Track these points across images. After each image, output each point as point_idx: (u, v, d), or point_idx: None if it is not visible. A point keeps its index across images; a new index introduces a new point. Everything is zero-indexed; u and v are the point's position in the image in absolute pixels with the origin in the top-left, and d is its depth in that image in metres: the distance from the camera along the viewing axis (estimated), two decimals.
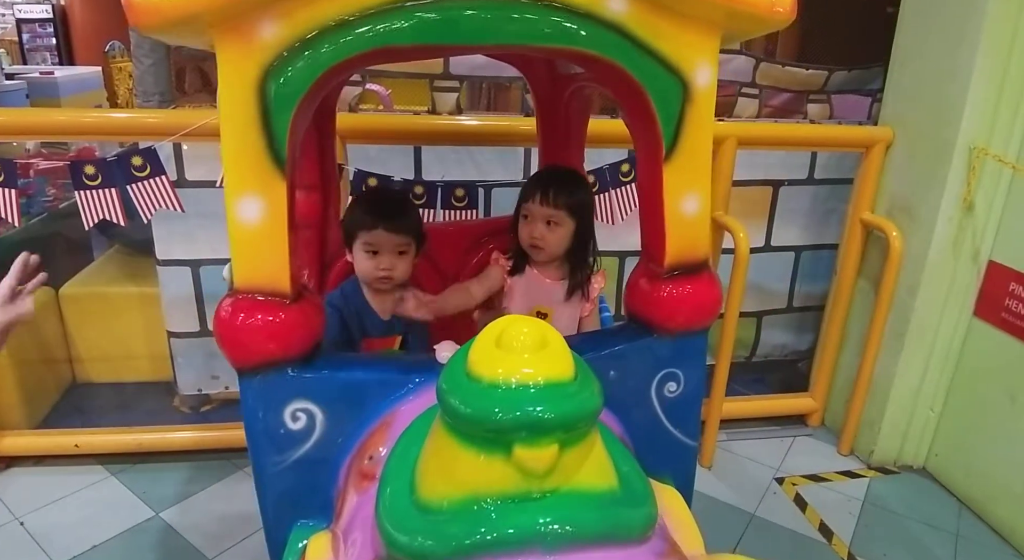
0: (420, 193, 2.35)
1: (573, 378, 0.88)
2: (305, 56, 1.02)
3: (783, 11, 1.12)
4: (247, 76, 1.02)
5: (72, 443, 2.51)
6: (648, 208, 1.32)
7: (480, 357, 0.88)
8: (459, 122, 2.51)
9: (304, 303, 1.19)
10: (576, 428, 0.87)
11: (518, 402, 0.83)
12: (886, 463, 2.73)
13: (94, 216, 2.19)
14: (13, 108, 4.51)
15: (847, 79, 2.93)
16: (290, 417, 1.21)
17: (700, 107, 1.18)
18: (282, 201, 1.10)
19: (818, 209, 2.99)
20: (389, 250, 1.64)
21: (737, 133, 2.48)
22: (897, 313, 2.58)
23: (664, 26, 1.11)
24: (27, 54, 9.10)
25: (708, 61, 1.16)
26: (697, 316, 1.34)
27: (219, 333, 1.16)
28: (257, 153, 1.06)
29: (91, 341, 2.99)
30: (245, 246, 1.12)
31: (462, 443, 0.87)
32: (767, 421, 2.96)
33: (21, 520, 2.26)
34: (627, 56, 1.11)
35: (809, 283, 3.12)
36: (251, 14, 0.99)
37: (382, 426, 1.21)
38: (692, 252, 1.30)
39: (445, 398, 0.88)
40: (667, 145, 1.19)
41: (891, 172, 2.58)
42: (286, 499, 1.28)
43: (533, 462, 0.85)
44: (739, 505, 2.48)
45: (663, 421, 1.39)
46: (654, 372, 1.36)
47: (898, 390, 2.63)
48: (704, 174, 1.26)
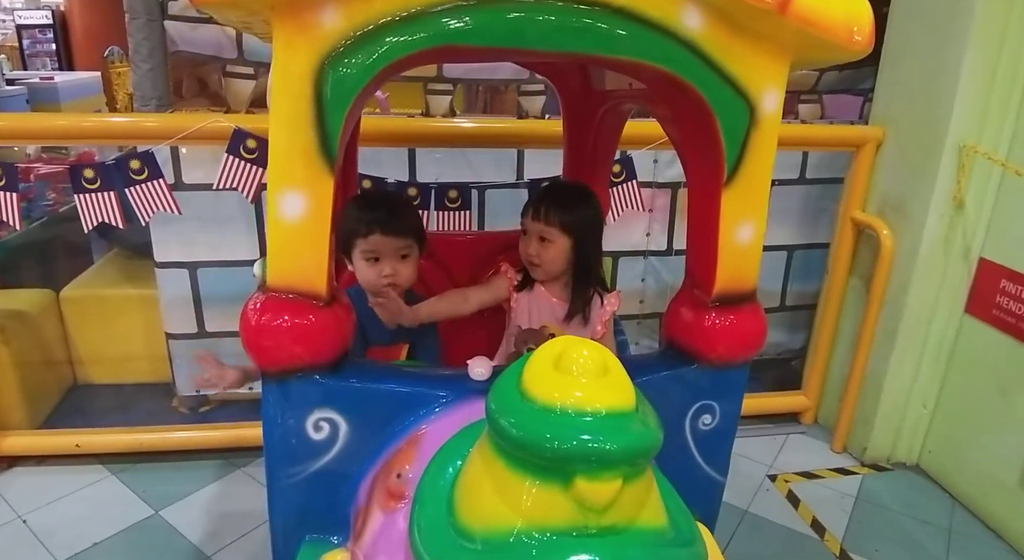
0: (414, 194, 2.38)
1: (634, 408, 0.84)
2: (366, 49, 0.97)
3: (862, 40, 1.06)
4: (304, 65, 0.98)
5: (73, 443, 2.53)
6: (700, 234, 1.26)
7: (536, 378, 0.84)
8: (454, 124, 2.53)
9: (336, 306, 1.15)
10: (638, 462, 0.83)
11: (577, 429, 0.79)
12: (879, 460, 2.75)
13: (93, 219, 2.22)
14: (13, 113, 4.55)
15: (839, 79, 2.95)
16: (312, 426, 1.17)
17: (765, 132, 1.15)
18: (328, 199, 1.06)
19: (810, 208, 3.02)
20: (390, 255, 1.56)
21: None
22: (889, 311, 2.60)
23: (737, 47, 1.08)
24: (27, 60, 9.15)
25: (777, 86, 1.13)
26: (741, 348, 1.30)
27: (246, 332, 1.11)
28: (308, 147, 1.02)
29: (91, 343, 3.02)
30: (284, 243, 1.08)
31: (513, 468, 0.83)
32: (761, 419, 2.98)
33: (23, 518, 2.28)
34: (698, 75, 1.08)
35: (802, 282, 3.14)
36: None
37: (410, 442, 1.16)
38: (742, 282, 1.26)
39: (496, 419, 0.83)
40: (729, 170, 1.15)
41: (882, 171, 2.61)
42: (299, 511, 1.23)
43: (595, 495, 0.79)
44: (732, 502, 2.50)
45: (694, 454, 1.35)
46: (690, 403, 1.32)
47: (890, 387, 2.65)
48: (762, 202, 1.22)
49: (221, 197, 2.37)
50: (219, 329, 2.71)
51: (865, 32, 1.06)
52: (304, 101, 0.99)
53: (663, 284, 3.00)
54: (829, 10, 1.04)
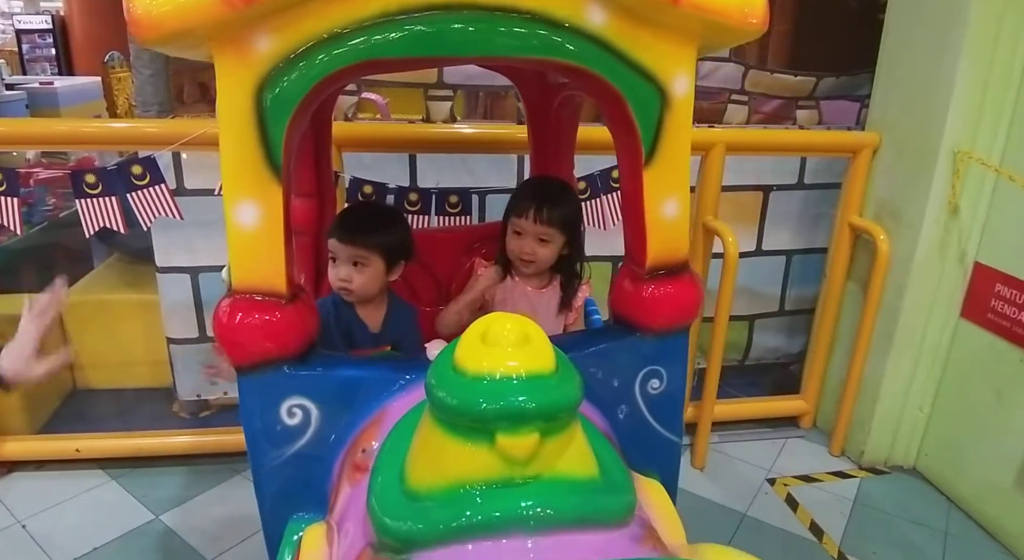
0: (415, 200, 2.40)
1: (554, 371, 0.92)
2: (299, 67, 1.06)
3: (756, 21, 1.15)
4: (244, 87, 1.06)
5: (73, 448, 2.54)
6: (630, 212, 1.36)
7: (466, 352, 0.93)
8: (454, 130, 2.55)
9: (299, 303, 1.22)
10: (556, 418, 0.91)
11: (501, 393, 0.88)
12: (876, 463, 2.77)
13: (94, 224, 2.23)
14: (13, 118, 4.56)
15: (836, 85, 2.97)
16: (286, 413, 1.25)
17: (678, 114, 1.22)
18: (278, 206, 1.14)
19: (808, 213, 3.04)
20: (344, 260, 1.62)
21: (726, 139, 2.52)
22: (885, 315, 2.62)
23: (643, 37, 1.15)
24: (27, 64, 9.16)
25: (686, 70, 1.21)
26: (678, 315, 1.38)
27: (218, 332, 1.19)
28: (254, 160, 1.10)
29: (92, 348, 3.02)
30: (243, 249, 1.16)
31: (448, 433, 0.92)
32: (759, 423, 3.00)
33: (23, 523, 2.29)
34: (608, 67, 1.16)
35: (800, 287, 3.16)
36: (247, 28, 1.03)
37: (374, 421, 1.25)
38: (673, 253, 1.34)
39: (433, 391, 0.92)
40: (646, 151, 1.24)
41: (878, 176, 2.63)
42: (283, 493, 1.31)
43: (515, 449, 0.89)
44: (731, 505, 2.51)
45: (647, 417, 1.43)
46: (637, 370, 1.40)
47: (887, 391, 2.67)
48: (683, 179, 1.30)
49: (222, 202, 2.38)
50: None
51: (758, 13, 1.15)
52: (247, 119, 1.08)
53: None
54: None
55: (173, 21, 0.99)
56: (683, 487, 2.51)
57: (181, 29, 1.00)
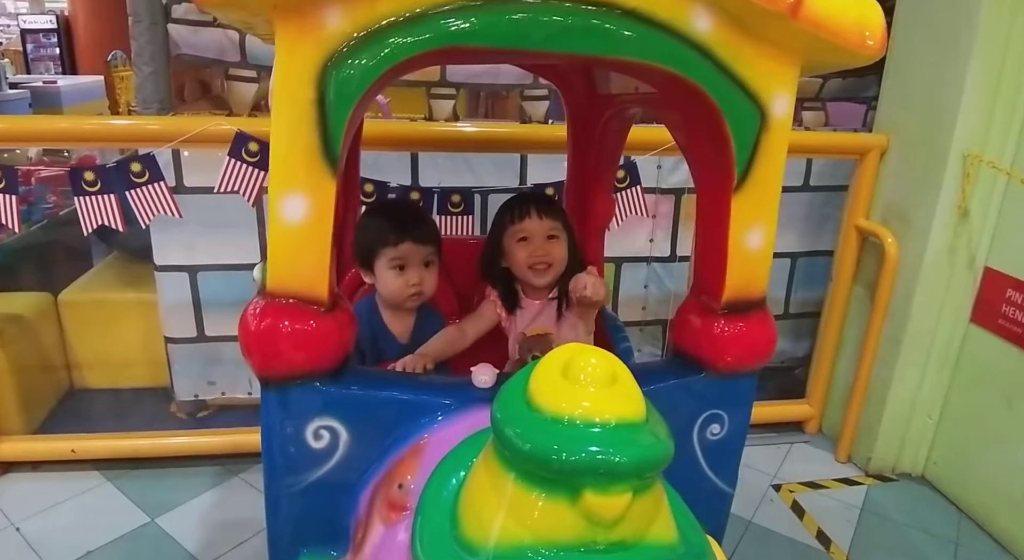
0: (416, 198, 2.36)
1: (644, 419, 0.81)
2: (370, 50, 0.96)
3: (873, 45, 1.05)
4: (307, 66, 0.96)
5: (68, 448, 2.51)
6: (709, 239, 1.25)
7: (544, 386, 0.81)
8: (456, 129, 2.52)
9: (339, 312, 1.12)
10: (648, 475, 0.80)
11: (586, 441, 0.76)
12: (884, 470, 2.73)
13: (93, 222, 2.20)
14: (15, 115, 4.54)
15: (842, 86, 2.94)
16: (312, 435, 1.14)
17: (775, 137, 1.14)
18: (330, 202, 1.05)
19: (814, 215, 3.00)
20: (416, 264, 1.56)
21: None
22: (893, 320, 2.58)
23: (747, 51, 1.07)
24: (31, 64, 9.17)
25: (787, 91, 1.12)
26: (750, 356, 1.28)
27: (245, 338, 1.09)
28: (309, 149, 1.00)
29: (89, 347, 3.00)
30: (285, 247, 1.06)
31: (518, 480, 0.80)
32: (764, 428, 2.95)
33: (17, 526, 2.25)
34: (709, 78, 1.07)
35: (805, 289, 3.12)
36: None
37: (412, 452, 1.14)
38: (751, 289, 1.24)
39: (502, 429, 0.80)
40: (739, 175, 1.14)
41: (886, 179, 2.59)
42: (298, 523, 1.21)
43: (604, 510, 0.77)
44: (736, 512, 2.43)
45: (702, 465, 1.33)
46: (698, 413, 1.29)
47: (895, 397, 2.63)
48: (773, 207, 1.20)
49: (222, 200, 2.35)
50: (219, 334, 2.69)
51: (877, 37, 1.05)
52: (306, 103, 0.98)
53: (666, 291, 2.98)
54: (841, 14, 1.03)
55: None
56: None
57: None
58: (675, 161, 2.80)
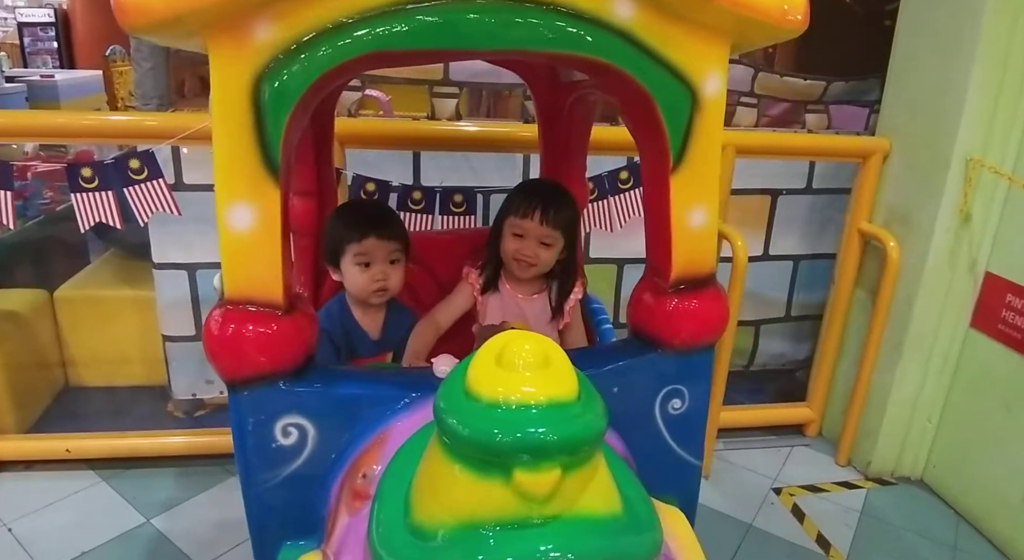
0: (418, 199, 2.34)
1: (577, 398, 0.84)
2: (300, 59, 0.99)
3: (796, 19, 1.07)
4: (240, 79, 0.99)
5: (63, 448, 2.48)
6: (654, 220, 1.28)
7: (480, 375, 0.84)
8: (458, 128, 2.50)
9: (297, 314, 1.15)
10: (580, 451, 0.83)
11: (519, 424, 0.79)
12: (883, 474, 2.72)
13: (90, 219, 2.18)
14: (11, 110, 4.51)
15: (845, 90, 2.93)
16: (281, 432, 1.17)
17: (709, 116, 1.15)
18: (275, 209, 1.06)
19: (816, 218, 3.00)
20: (381, 259, 1.60)
21: (735, 142, 2.48)
22: (894, 323, 2.58)
23: (672, 33, 1.08)
24: (28, 58, 9.09)
25: (717, 70, 1.14)
26: (703, 331, 1.30)
27: (208, 345, 1.12)
28: (250, 159, 1.02)
29: (85, 344, 2.97)
30: (236, 255, 1.08)
31: (459, 465, 0.83)
32: (764, 431, 2.95)
33: (9, 526, 2.23)
34: (634, 63, 1.08)
35: (807, 292, 3.12)
36: (244, 15, 0.96)
37: (376, 443, 1.17)
38: (699, 266, 1.26)
39: (443, 418, 0.84)
40: (674, 155, 1.16)
41: (888, 183, 2.59)
42: (275, 517, 1.23)
43: (534, 486, 0.81)
44: (736, 515, 2.46)
45: (667, 439, 1.35)
46: (658, 389, 1.32)
47: (895, 401, 2.62)
48: (712, 185, 1.22)
49: None
50: None
51: (798, 9, 1.07)
52: (243, 114, 1.00)
53: None
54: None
55: (163, 7, 0.91)
56: None
57: (171, 16, 0.92)
58: None
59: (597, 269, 2.83)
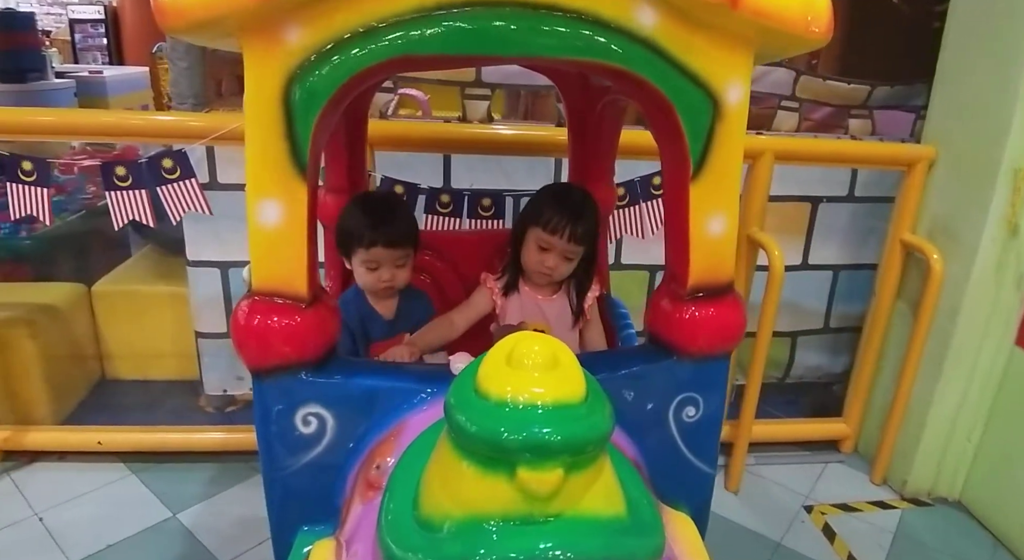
0: (447, 202, 2.33)
1: (583, 400, 0.85)
2: (330, 62, 1.02)
3: (819, 31, 1.07)
4: (272, 80, 1.03)
5: (95, 440, 2.53)
6: (673, 227, 1.29)
7: (489, 374, 0.86)
8: (488, 131, 2.48)
9: (320, 306, 1.19)
10: (584, 452, 0.84)
11: (524, 423, 0.81)
12: (920, 494, 2.63)
13: (124, 217, 2.22)
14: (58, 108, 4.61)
15: (890, 95, 2.84)
16: (301, 421, 1.22)
17: (730, 125, 1.15)
18: (302, 206, 1.11)
19: (858, 227, 2.91)
20: (388, 264, 1.66)
21: (774, 147, 2.42)
22: (936, 338, 2.49)
23: (695, 42, 1.09)
24: (79, 54, 9.33)
25: (740, 78, 1.14)
26: (719, 340, 1.30)
27: (235, 334, 1.17)
28: (279, 157, 1.07)
29: (121, 338, 3.03)
30: (264, 249, 1.13)
31: (466, 460, 0.85)
32: (798, 446, 2.87)
33: (40, 516, 2.27)
34: (656, 71, 1.09)
35: (846, 303, 3.03)
36: (277, 18, 1.00)
37: (391, 435, 1.21)
38: (716, 274, 1.27)
39: (452, 414, 0.86)
40: (694, 163, 1.17)
41: (933, 192, 2.50)
42: (293, 503, 1.28)
43: (537, 485, 0.82)
44: (765, 533, 2.40)
45: (680, 446, 1.36)
46: (672, 395, 1.33)
47: (934, 418, 2.53)
48: (732, 194, 1.23)
49: None
50: None
51: (821, 22, 1.07)
52: (274, 113, 1.04)
53: None
54: (783, 1, 1.04)
55: (200, 9, 0.96)
56: (715, 511, 2.39)
57: (208, 18, 0.96)
58: None
59: (629, 275, 2.78)
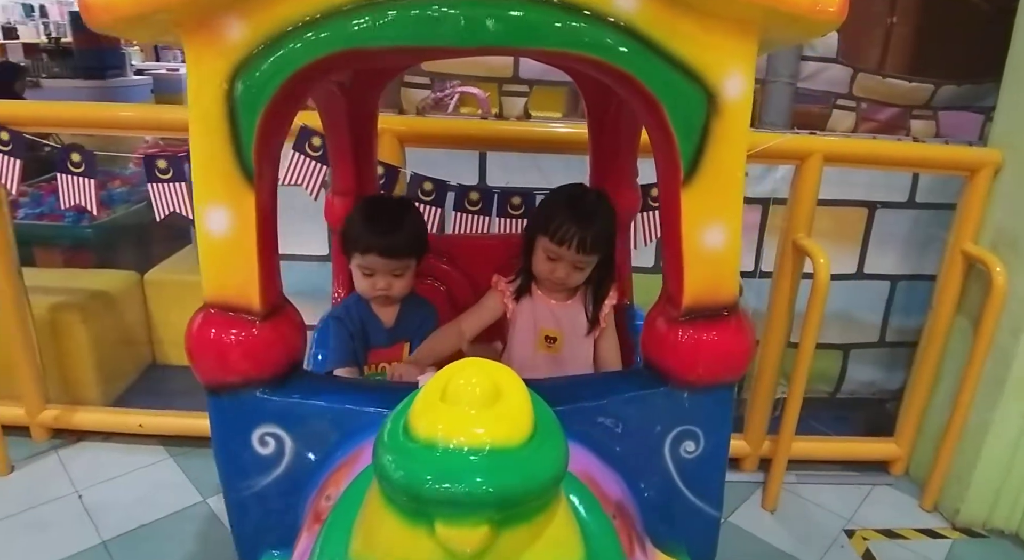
0: (475, 199, 2.29)
1: (526, 441, 0.73)
2: (272, 57, 0.96)
3: (830, 11, 0.94)
4: (214, 77, 0.98)
5: (136, 423, 2.62)
6: (667, 238, 1.16)
7: (421, 410, 0.75)
8: (524, 128, 2.44)
9: (280, 320, 1.13)
10: (520, 505, 0.72)
11: (448, 470, 0.70)
12: (973, 524, 2.43)
13: (165, 209, 2.29)
14: (136, 103, 4.83)
15: (956, 94, 2.64)
16: (258, 441, 1.15)
17: (730, 121, 1.02)
18: (250, 213, 1.05)
19: (918, 236, 2.72)
20: (384, 273, 1.61)
21: (823, 149, 2.28)
22: (997, 357, 2.29)
23: (685, 27, 0.96)
24: (160, 52, 9.78)
25: (741, 68, 1.00)
26: (719, 368, 1.17)
27: (188, 347, 1.12)
28: (224, 160, 1.01)
29: (171, 325, 3.13)
30: (213, 258, 1.08)
31: (390, 508, 0.75)
32: (845, 465, 2.71)
33: (80, 493, 2.37)
34: (637, 61, 0.97)
35: (905, 316, 2.84)
36: (213, 13, 0.95)
37: (347, 463, 1.12)
38: (716, 292, 1.13)
39: (378, 455, 0.75)
40: (686, 166, 1.04)
41: (998, 200, 2.30)
42: (255, 525, 1.22)
43: (456, 543, 0.71)
44: (800, 557, 2.26)
45: (678, 484, 1.23)
46: (668, 428, 1.20)
47: (993, 444, 2.34)
48: (732, 201, 1.09)
49: (297, 192, 2.37)
50: None
51: (833, 2, 0.94)
52: (217, 113, 0.99)
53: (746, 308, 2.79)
54: None
55: (128, 5, 0.91)
56: (749, 530, 2.33)
57: (137, 13, 0.92)
58: (763, 169, 2.61)
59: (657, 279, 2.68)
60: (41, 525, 2.22)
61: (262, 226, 1.06)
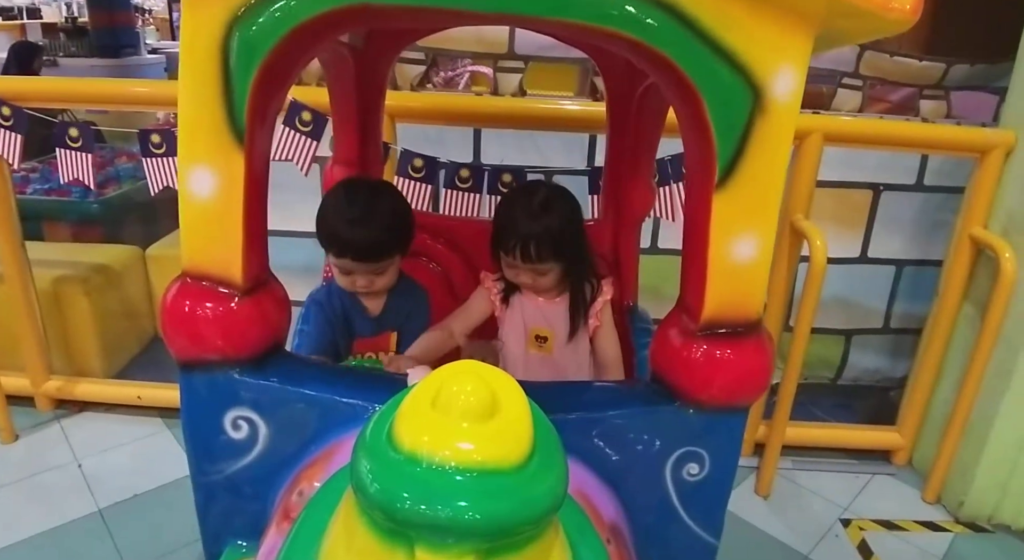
0: (466, 177, 2.26)
1: (523, 462, 0.65)
2: (273, 7, 0.88)
3: (904, 11, 0.82)
4: (211, 25, 0.90)
5: (135, 395, 2.66)
6: (690, 244, 1.04)
7: (407, 416, 0.66)
8: (518, 104, 2.40)
9: (262, 296, 1.05)
10: (510, 534, 0.65)
11: (433, 491, 0.62)
12: (977, 518, 2.36)
13: (159, 183, 2.29)
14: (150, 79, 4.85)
15: (969, 74, 2.54)
16: (231, 424, 1.08)
17: (775, 123, 0.91)
18: (238, 178, 0.97)
19: (926, 220, 2.64)
20: (364, 272, 1.50)
21: (824, 128, 2.21)
22: (1005, 347, 2.22)
23: (737, 13, 0.85)
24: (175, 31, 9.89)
25: (794, 65, 0.90)
26: (735, 389, 1.06)
27: (161, 318, 1.05)
28: (213, 118, 0.94)
29: None
30: (195, 224, 1.00)
31: (366, 522, 0.67)
32: (844, 453, 2.65)
33: (80, 462, 2.42)
34: (679, 45, 0.86)
35: (910, 302, 2.77)
36: None
37: (323, 457, 1.05)
38: (739, 309, 1.02)
39: (357, 461, 0.66)
40: (722, 167, 0.93)
41: (1009, 183, 2.20)
42: (222, 512, 1.15)
43: None
44: (792, 544, 2.22)
45: (677, 509, 1.14)
46: (671, 448, 1.10)
47: (999, 435, 2.26)
48: (770, 211, 0.98)
49: (290, 166, 2.36)
50: None
51: (905, 2, 0.81)
52: (210, 68, 0.91)
53: None
54: None
55: None
56: (741, 516, 2.29)
57: None
58: None
59: (666, 260, 2.64)
60: (42, 492, 2.27)
61: (250, 193, 0.99)
